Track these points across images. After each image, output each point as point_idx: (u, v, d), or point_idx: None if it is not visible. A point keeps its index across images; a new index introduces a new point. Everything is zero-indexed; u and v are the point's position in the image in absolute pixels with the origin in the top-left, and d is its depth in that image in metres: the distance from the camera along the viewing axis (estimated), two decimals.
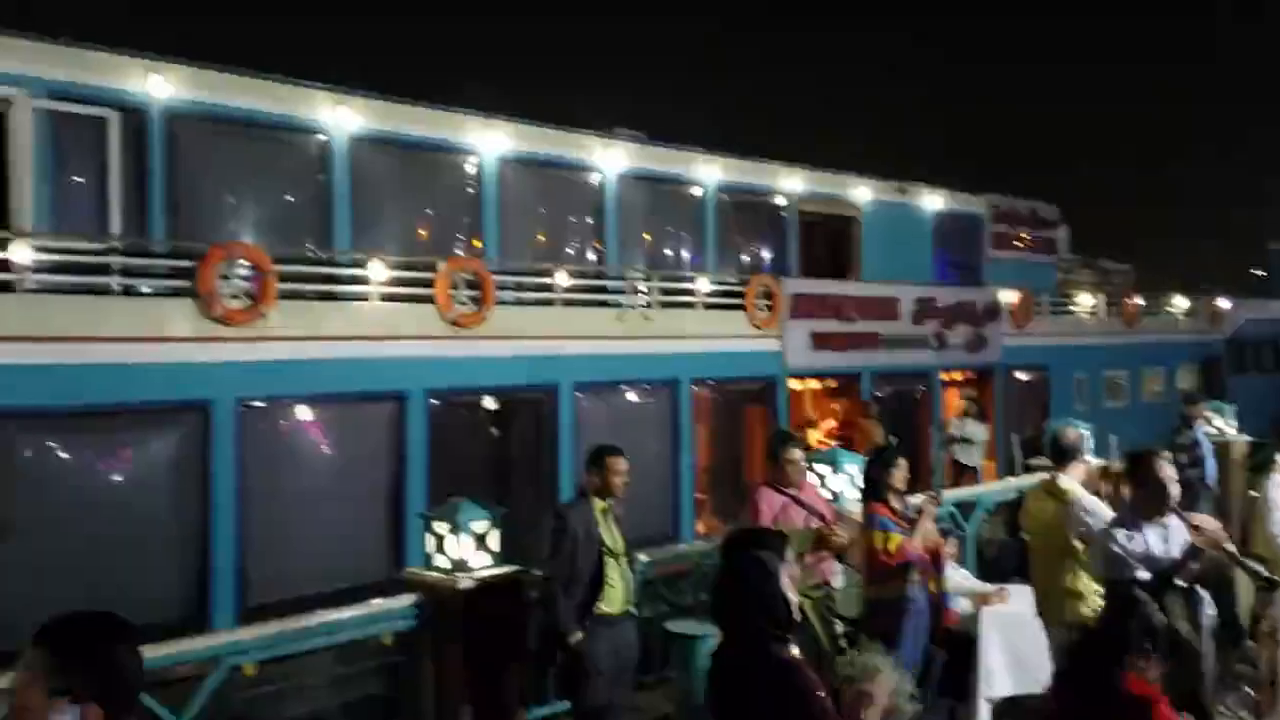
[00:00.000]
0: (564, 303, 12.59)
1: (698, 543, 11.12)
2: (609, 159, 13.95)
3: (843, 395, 16.54)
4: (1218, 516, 7.05)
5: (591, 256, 14.18)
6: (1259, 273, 29.61)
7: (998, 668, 6.87)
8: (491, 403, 12.17)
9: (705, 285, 14.08)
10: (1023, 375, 19.12)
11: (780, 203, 16.30)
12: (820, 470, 8.83)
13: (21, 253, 8.87)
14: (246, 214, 11.13)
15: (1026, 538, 7.33)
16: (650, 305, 13.38)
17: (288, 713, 7.51)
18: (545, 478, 12.13)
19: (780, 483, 7.28)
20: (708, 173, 15.13)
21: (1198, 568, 5.60)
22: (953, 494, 10.70)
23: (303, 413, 10.65)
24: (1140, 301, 22.43)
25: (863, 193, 17.32)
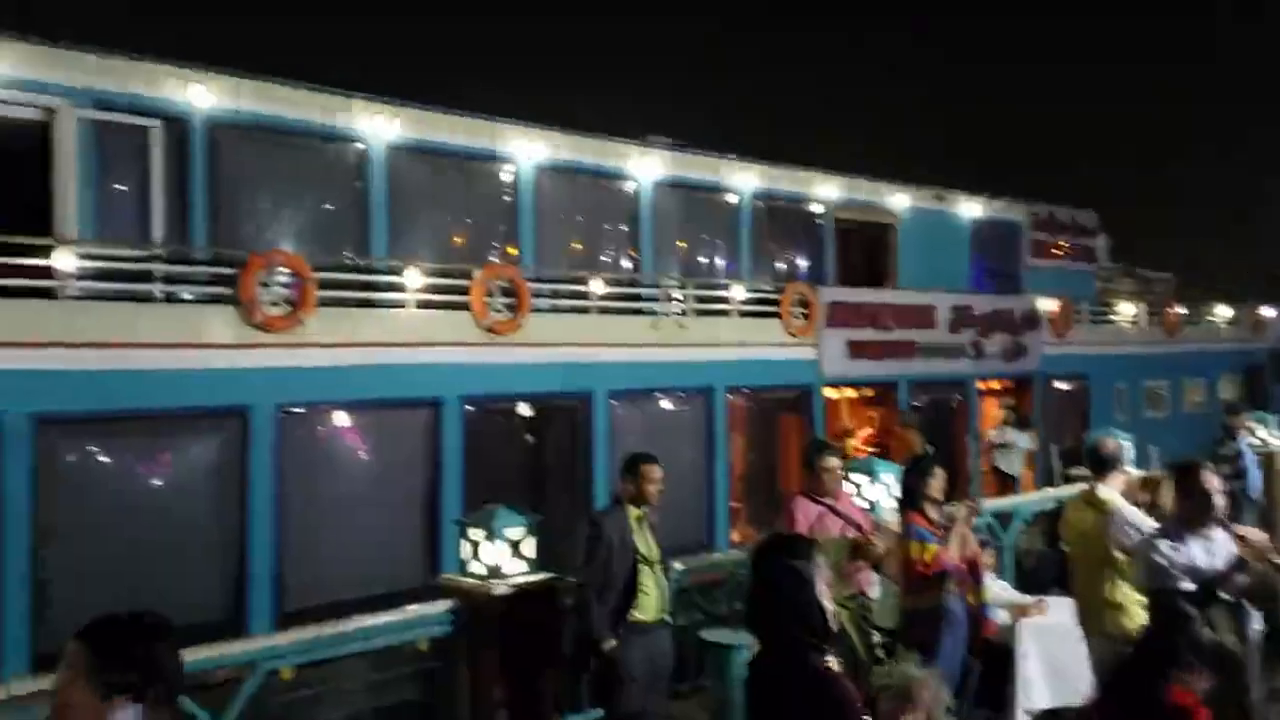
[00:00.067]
0: (599, 310, 12.60)
1: (732, 552, 11.07)
2: (644, 167, 13.96)
3: (879, 404, 16.41)
4: (1262, 528, 6.94)
5: (626, 264, 14.19)
6: None
7: (1036, 679, 6.80)
8: (526, 410, 12.20)
9: (740, 293, 14.05)
10: (1062, 385, 18.89)
11: (816, 210, 16.23)
12: (857, 479, 8.77)
13: (65, 260, 9.00)
14: (286, 222, 11.23)
15: (1065, 548, 7.24)
16: (685, 313, 13.36)
17: (324, 717, 7.56)
18: (580, 485, 12.14)
19: (816, 492, 7.23)
20: (743, 180, 15.10)
21: (1244, 580, 5.51)
22: (991, 504, 10.60)
23: (340, 419, 10.74)
24: (1182, 310, 22.11)
25: (900, 200, 17.21)
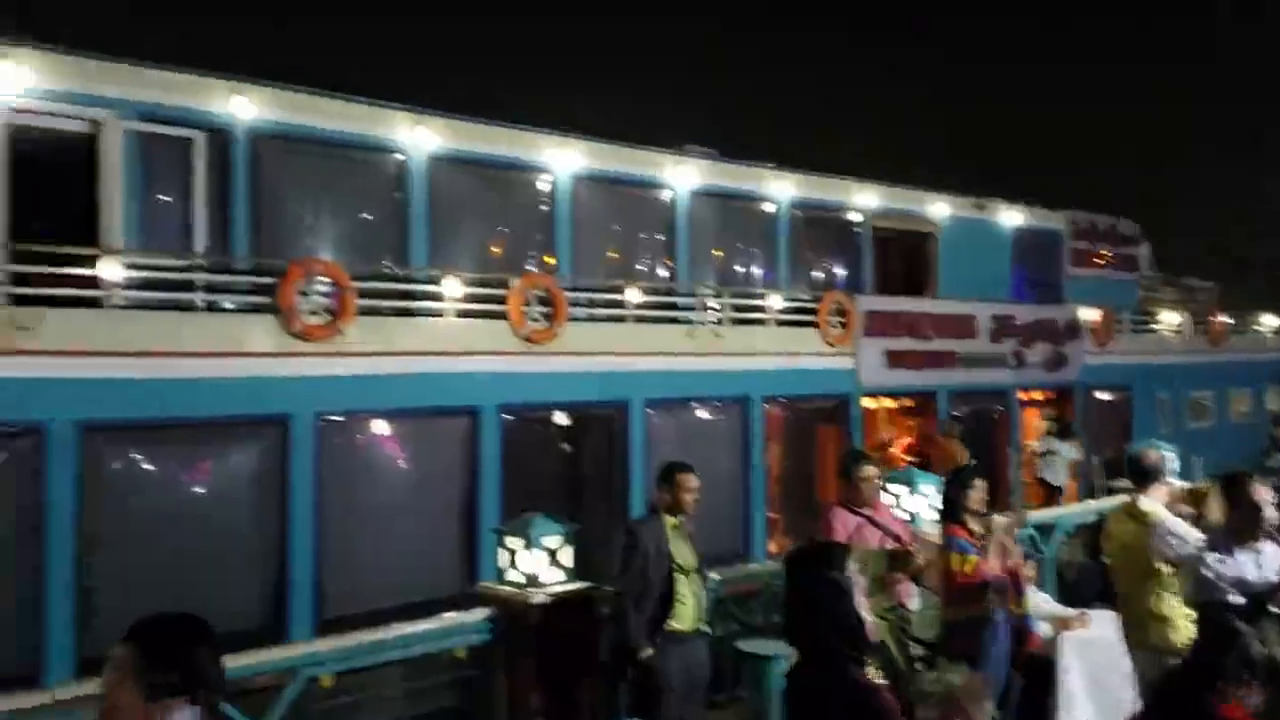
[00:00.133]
0: (635, 319, 12.60)
1: (769, 562, 11.04)
2: (680, 176, 13.96)
3: (918, 414, 16.29)
4: None
5: (663, 273, 14.19)
6: None
7: (1078, 693, 6.70)
8: (563, 418, 12.23)
9: (777, 302, 14.00)
10: (1104, 395, 18.68)
11: (854, 219, 16.15)
12: (896, 490, 8.71)
13: (111, 270, 9.14)
14: (326, 232, 11.33)
15: (1107, 561, 7.14)
16: (721, 322, 13.34)
17: None
18: (616, 494, 12.14)
19: (854, 502, 7.17)
20: (780, 189, 15.06)
21: None
22: (1032, 516, 10.49)
23: (378, 427, 10.80)
24: (1227, 319, 21.78)
25: (940, 209, 17.09)
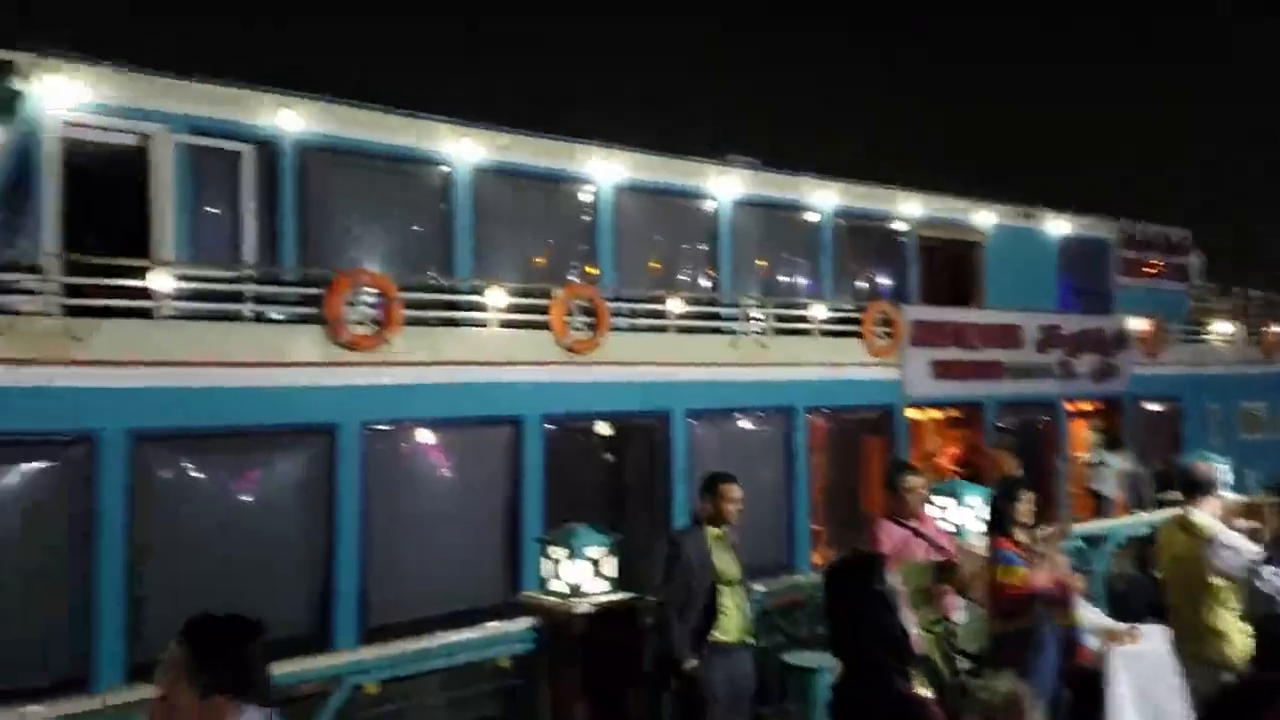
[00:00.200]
0: (678, 329, 12.60)
1: (813, 574, 10.94)
2: (723, 185, 13.93)
3: (964, 425, 16.13)
4: None
5: (706, 283, 14.17)
6: None
7: (1128, 707, 6.58)
8: (605, 428, 12.24)
9: (821, 312, 13.93)
10: (1153, 406, 18.38)
11: (900, 228, 16.04)
12: (942, 502, 8.63)
13: (162, 281, 9.29)
14: (372, 243, 11.43)
15: (1159, 574, 7.02)
16: (765, 332, 13.29)
17: None
18: (658, 504, 12.12)
19: (899, 514, 7.12)
20: (824, 198, 14.99)
21: None
22: (1081, 528, 10.34)
23: (423, 436, 10.87)
24: None
25: (986, 217, 16.93)
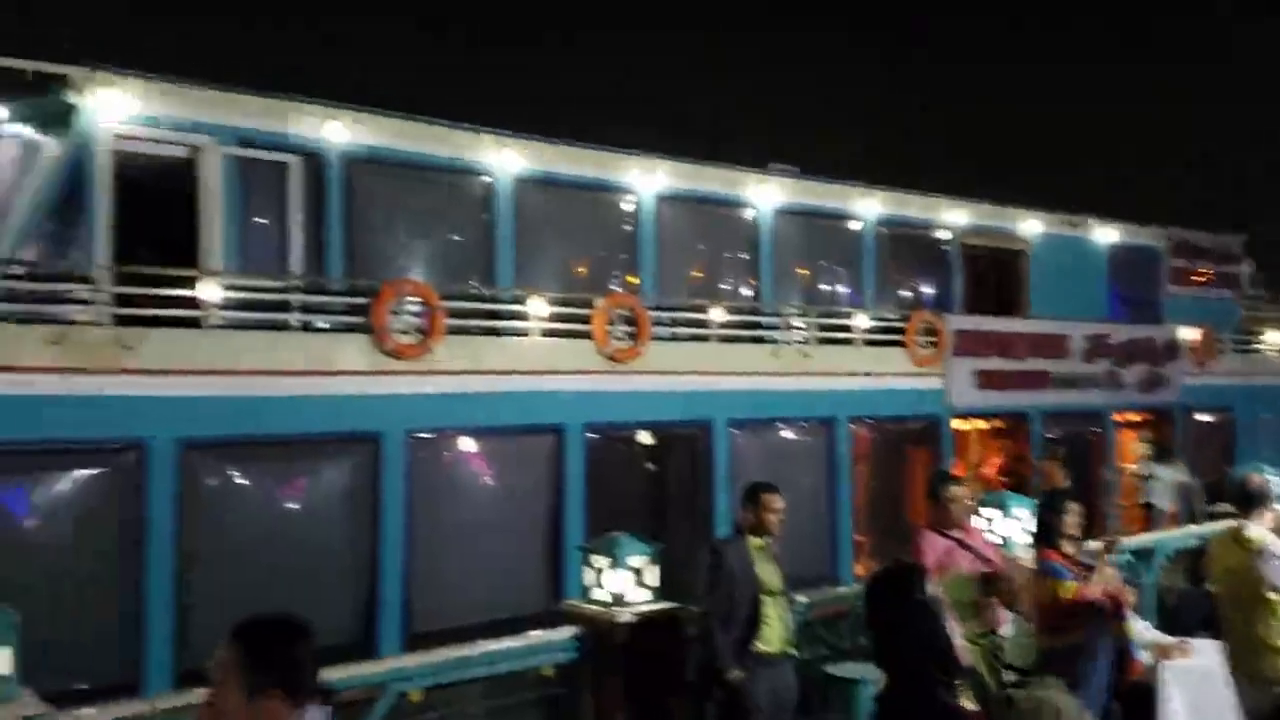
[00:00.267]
0: (719, 339, 12.57)
1: (857, 585, 10.86)
2: (764, 195, 13.89)
3: (1009, 436, 15.95)
4: None
5: (747, 292, 14.13)
6: None
7: None
8: (647, 437, 12.24)
9: (864, 321, 13.85)
10: (1204, 416, 18.08)
11: (943, 236, 15.91)
12: (989, 514, 8.54)
13: (210, 291, 9.42)
14: (416, 252, 11.52)
15: (1212, 588, 6.89)
16: (807, 341, 13.23)
17: None
18: (700, 513, 12.10)
19: (942, 524, 7.04)
20: (866, 207, 14.90)
21: None
22: (1131, 540, 10.19)
23: (466, 445, 10.93)
24: None
25: (1031, 225, 16.75)
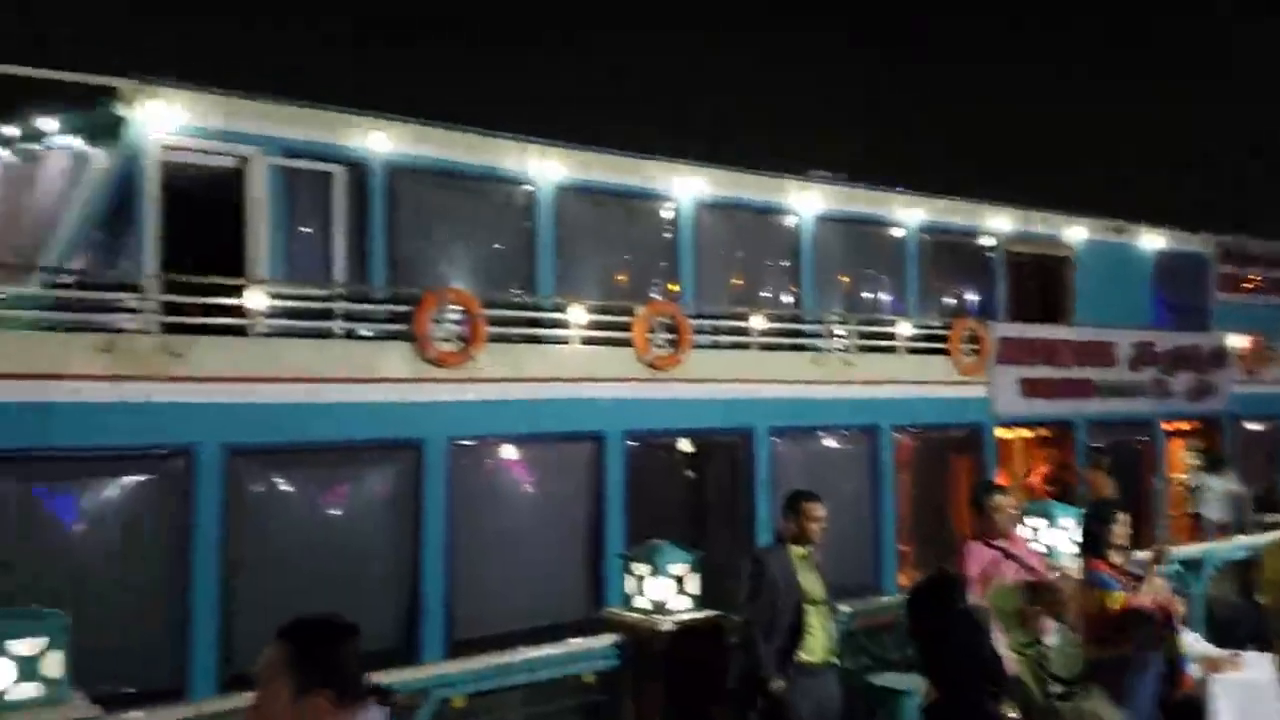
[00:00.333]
0: (760, 346, 12.53)
1: (900, 595, 10.77)
2: (805, 201, 13.83)
3: (1054, 445, 15.76)
4: None
5: (788, 299, 14.08)
6: None
7: None
8: (687, 445, 12.21)
9: (907, 329, 13.76)
10: (1254, 425, 17.77)
11: (987, 243, 15.76)
12: (1034, 523, 8.46)
13: (256, 299, 9.53)
14: (458, 261, 11.58)
15: (1262, 600, 6.77)
16: (849, 349, 13.15)
17: None
18: (741, 522, 12.05)
19: (987, 534, 6.97)
20: (909, 213, 14.80)
21: None
22: (1179, 551, 10.02)
23: (507, 452, 10.97)
24: None
25: (1076, 232, 16.56)
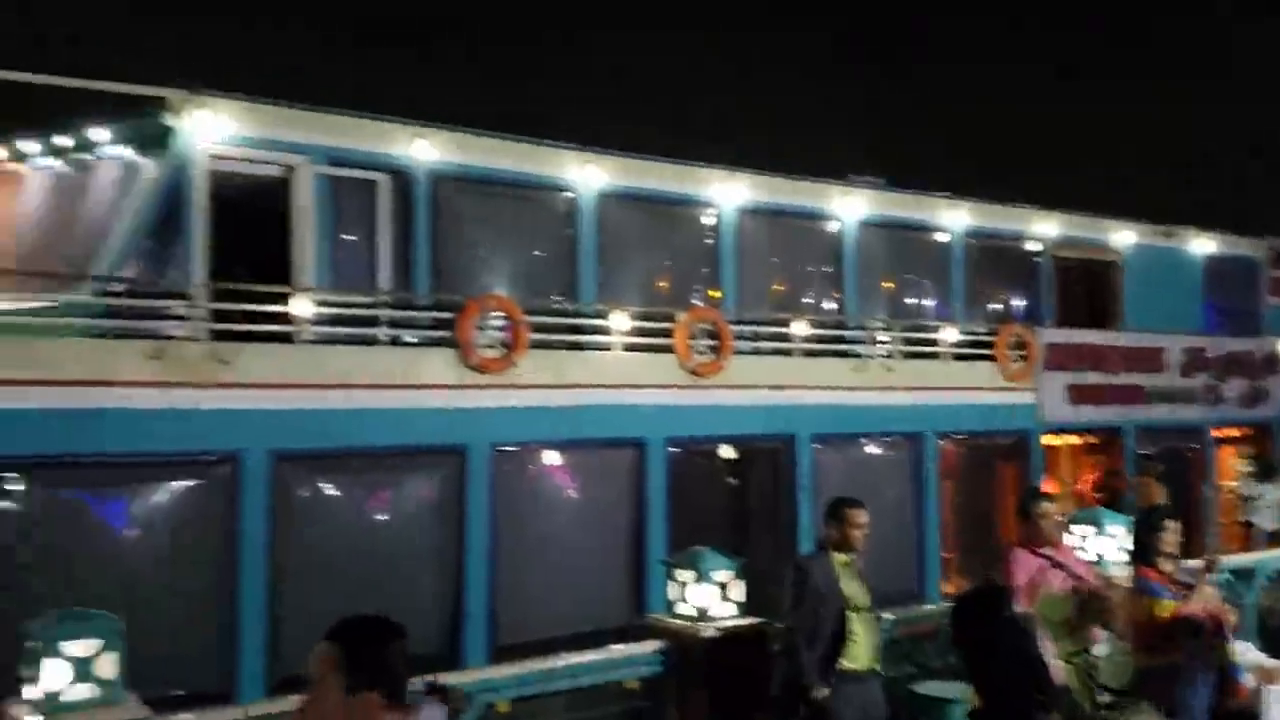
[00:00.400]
0: (802, 352, 12.48)
1: (944, 603, 10.69)
2: (847, 206, 13.76)
3: (1102, 452, 15.56)
4: None
5: (830, 305, 14.01)
6: None
7: None
8: (729, 451, 12.19)
9: (952, 335, 13.64)
10: None
11: (1033, 248, 15.60)
12: (1082, 531, 8.37)
13: (303, 306, 9.65)
14: (501, 268, 11.64)
15: None
16: (893, 356, 13.07)
17: None
18: (783, 529, 12.00)
19: (1034, 541, 6.92)
20: (953, 218, 14.68)
21: None
22: (1231, 560, 9.87)
23: (549, 458, 11.01)
24: None
25: (1125, 236, 16.35)
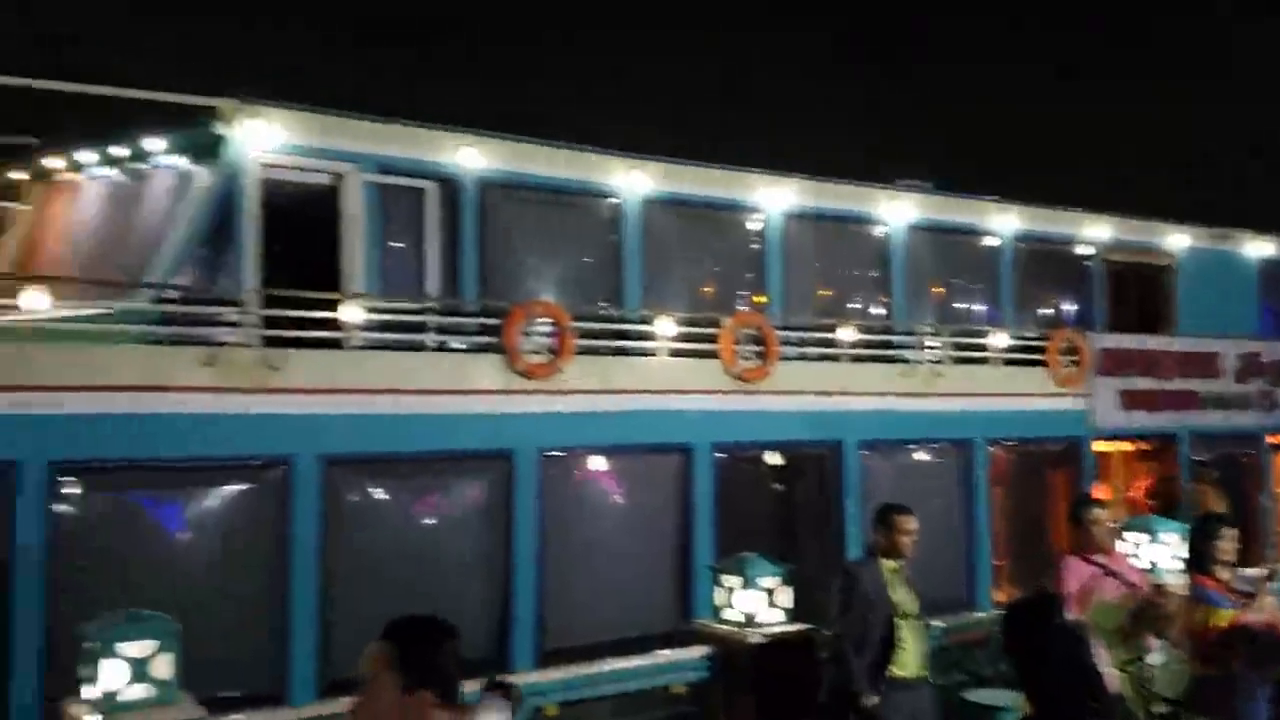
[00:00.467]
0: (849, 358, 12.41)
1: (995, 611, 10.56)
2: (895, 211, 13.68)
3: (1156, 458, 15.31)
4: None
5: (878, 311, 13.92)
6: None
7: None
8: (775, 458, 12.14)
9: (1002, 340, 13.50)
10: None
11: (1085, 252, 15.41)
12: (1135, 538, 8.24)
13: (352, 313, 9.76)
14: (547, 274, 11.71)
15: None
16: (942, 361, 12.95)
17: None
18: (830, 535, 11.93)
19: (1085, 548, 6.83)
20: (1003, 222, 14.54)
21: None
22: None
23: (595, 464, 11.03)
24: None
25: (1178, 240, 16.10)
